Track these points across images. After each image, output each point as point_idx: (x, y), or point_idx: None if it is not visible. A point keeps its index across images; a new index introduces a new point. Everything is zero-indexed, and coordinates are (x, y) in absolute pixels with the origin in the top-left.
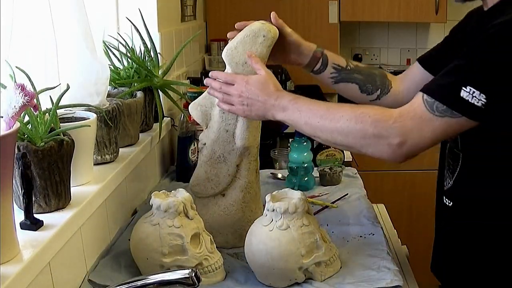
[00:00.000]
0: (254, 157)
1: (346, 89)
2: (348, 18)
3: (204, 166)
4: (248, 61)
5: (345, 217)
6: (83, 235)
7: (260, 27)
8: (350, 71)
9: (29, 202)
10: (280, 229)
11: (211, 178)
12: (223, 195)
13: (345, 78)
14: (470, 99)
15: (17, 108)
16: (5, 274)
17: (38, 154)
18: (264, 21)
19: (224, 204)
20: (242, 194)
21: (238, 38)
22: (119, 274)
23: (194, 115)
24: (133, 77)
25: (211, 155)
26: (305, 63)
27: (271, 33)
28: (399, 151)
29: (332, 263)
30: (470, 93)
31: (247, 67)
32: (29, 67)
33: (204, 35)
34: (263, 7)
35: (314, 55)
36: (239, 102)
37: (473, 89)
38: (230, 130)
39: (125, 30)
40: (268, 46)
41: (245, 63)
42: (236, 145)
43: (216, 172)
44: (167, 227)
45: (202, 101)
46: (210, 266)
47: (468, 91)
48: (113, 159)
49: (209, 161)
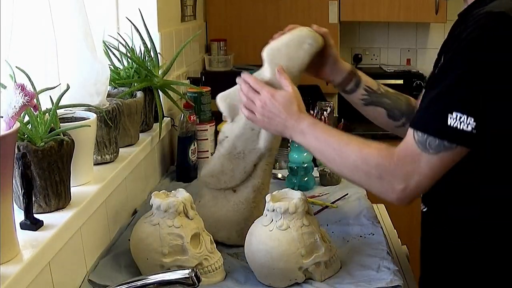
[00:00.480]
0: (272, 159)
1: (374, 113)
2: (348, 18)
3: (221, 159)
4: (276, 75)
5: (345, 217)
6: (83, 235)
7: (308, 33)
8: (381, 95)
9: (29, 202)
10: (280, 229)
11: (226, 172)
12: (234, 191)
13: (375, 101)
14: (458, 126)
15: (17, 108)
16: (5, 274)
17: (38, 154)
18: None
19: (234, 200)
20: (253, 194)
21: (284, 40)
22: (119, 274)
23: (221, 106)
24: (133, 77)
25: (231, 150)
26: (338, 81)
27: (318, 42)
28: (403, 195)
29: (332, 263)
30: (458, 119)
31: (288, 70)
32: (29, 67)
33: (204, 35)
34: (263, 7)
35: (348, 75)
36: (261, 113)
37: (459, 114)
38: (256, 129)
39: (125, 30)
40: (311, 54)
41: (286, 66)
42: (259, 145)
43: (232, 167)
44: (167, 227)
45: (232, 94)
46: (210, 266)
47: (455, 117)
48: (113, 159)
49: (228, 155)
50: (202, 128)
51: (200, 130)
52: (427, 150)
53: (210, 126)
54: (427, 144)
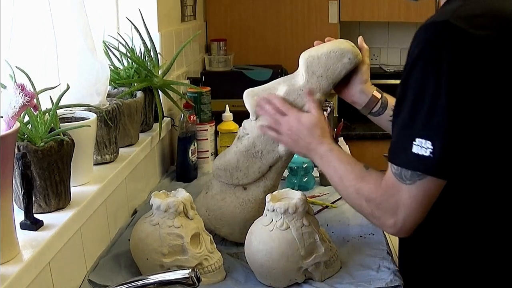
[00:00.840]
0: (287, 164)
1: None
2: (348, 18)
3: (238, 155)
4: (304, 97)
5: (345, 217)
6: (83, 235)
7: (349, 48)
8: None
9: (29, 202)
10: (280, 229)
11: (241, 169)
12: (244, 188)
13: None
14: (420, 152)
15: (17, 108)
16: (5, 274)
17: (38, 154)
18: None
19: (243, 198)
20: (263, 195)
21: (324, 50)
22: (119, 274)
23: (247, 103)
24: (133, 77)
25: (249, 147)
26: (362, 102)
27: (357, 59)
28: (395, 229)
29: (332, 263)
30: (420, 145)
31: (322, 80)
32: (29, 67)
33: (204, 35)
34: (263, 7)
35: (374, 96)
36: (287, 135)
37: (421, 140)
38: None
39: (125, 30)
40: (348, 69)
41: (321, 76)
42: (279, 148)
43: (248, 165)
44: (167, 227)
45: (261, 92)
46: (210, 266)
47: (418, 144)
48: (113, 159)
49: (245, 152)
50: (202, 128)
51: (200, 130)
52: (404, 182)
53: (210, 126)
54: (403, 175)
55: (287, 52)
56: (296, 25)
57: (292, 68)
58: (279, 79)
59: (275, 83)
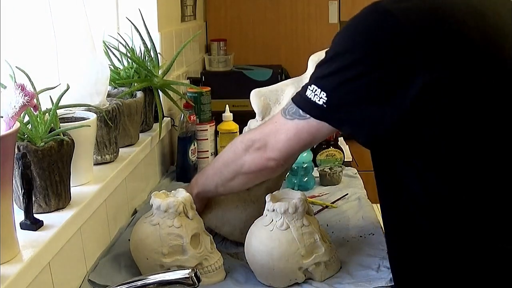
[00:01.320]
0: (290, 166)
1: None
2: (348, 18)
3: None
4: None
5: (345, 217)
6: (83, 235)
7: None
8: None
9: (29, 202)
10: (280, 229)
11: None
12: (247, 189)
13: None
14: (312, 97)
15: (17, 108)
16: (5, 274)
17: (38, 154)
18: None
19: (245, 198)
20: (265, 195)
21: None
22: (119, 274)
23: (254, 103)
24: (133, 77)
25: None
26: None
27: None
28: (265, 156)
29: (332, 263)
30: (313, 91)
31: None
32: (29, 67)
33: (204, 35)
34: (263, 7)
35: None
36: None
37: (315, 87)
38: None
39: (125, 30)
40: None
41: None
42: None
43: None
44: (167, 227)
45: (268, 93)
46: (210, 266)
47: (312, 89)
48: (113, 159)
49: None
50: (202, 128)
51: (200, 130)
52: (285, 115)
53: (210, 126)
54: (287, 110)
55: (287, 52)
56: (296, 25)
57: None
58: (287, 80)
59: (282, 85)
